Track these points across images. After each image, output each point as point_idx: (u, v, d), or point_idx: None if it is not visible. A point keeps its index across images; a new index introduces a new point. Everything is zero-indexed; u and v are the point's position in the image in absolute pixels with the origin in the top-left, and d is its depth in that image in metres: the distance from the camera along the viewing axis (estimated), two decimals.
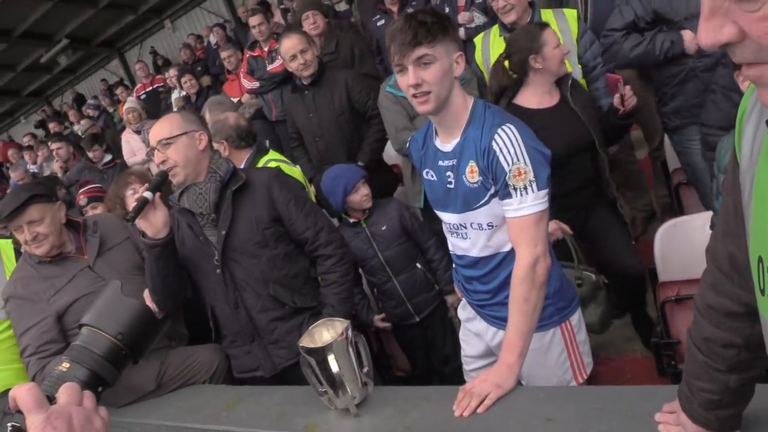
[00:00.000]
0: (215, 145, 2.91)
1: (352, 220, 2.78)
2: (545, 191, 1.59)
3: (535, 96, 2.59)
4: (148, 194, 2.05)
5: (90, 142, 6.06)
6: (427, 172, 1.82)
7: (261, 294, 2.23)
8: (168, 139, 2.13)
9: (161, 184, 2.11)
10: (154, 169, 2.96)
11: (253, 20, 5.37)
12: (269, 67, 4.95)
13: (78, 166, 5.94)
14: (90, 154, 6.00)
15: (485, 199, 1.65)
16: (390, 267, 2.77)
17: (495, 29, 3.26)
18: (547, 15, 3.12)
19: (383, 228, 2.77)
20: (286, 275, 2.26)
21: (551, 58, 2.51)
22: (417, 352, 2.97)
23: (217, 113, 3.11)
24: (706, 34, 0.63)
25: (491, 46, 3.21)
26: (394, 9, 4.88)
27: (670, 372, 2.36)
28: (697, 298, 1.07)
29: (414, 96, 1.60)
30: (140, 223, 2.08)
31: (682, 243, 2.40)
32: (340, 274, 2.29)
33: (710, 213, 2.34)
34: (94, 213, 3.62)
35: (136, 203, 2.04)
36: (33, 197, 2.40)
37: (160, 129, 2.17)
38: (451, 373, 2.90)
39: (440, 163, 1.74)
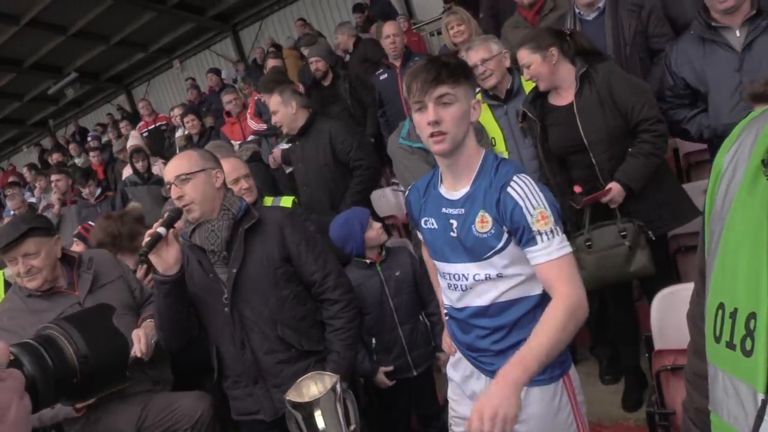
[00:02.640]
0: None
1: (368, 261, 2.75)
2: (565, 236, 1.60)
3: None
4: (161, 230, 2.02)
5: (83, 178, 6.08)
6: (425, 221, 1.80)
7: (268, 335, 2.20)
8: (187, 174, 2.12)
9: (175, 220, 2.08)
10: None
11: (272, 63, 5.55)
12: None
13: (76, 207, 5.94)
14: (85, 191, 6.02)
15: (498, 246, 1.63)
16: (398, 315, 2.73)
17: (478, 97, 3.29)
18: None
19: (397, 273, 2.75)
20: (294, 317, 2.24)
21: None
22: (399, 402, 2.89)
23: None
24: None
25: None
26: (397, 64, 4.99)
27: None
28: (686, 369, 1.05)
29: (431, 135, 1.61)
30: (152, 258, 2.05)
31: (679, 311, 2.34)
32: (346, 320, 2.28)
33: None
34: (76, 248, 3.61)
35: (149, 238, 2.01)
36: (31, 230, 2.38)
37: (179, 164, 2.15)
38: None
39: (444, 210, 1.73)
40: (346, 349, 2.27)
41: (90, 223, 3.67)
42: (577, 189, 2.68)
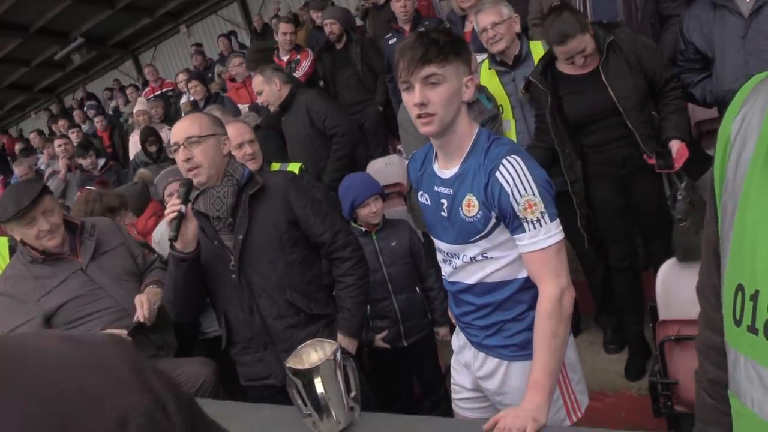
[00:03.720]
0: None
1: (364, 230, 2.75)
2: (557, 221, 1.55)
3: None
4: (182, 207, 1.97)
5: (82, 150, 5.99)
6: (421, 195, 1.77)
7: (277, 300, 2.18)
8: (199, 137, 2.06)
9: (189, 192, 2.04)
10: None
11: (285, 27, 5.47)
12: None
13: (80, 178, 5.92)
14: (87, 161, 5.97)
15: (485, 231, 1.59)
16: (392, 284, 2.74)
17: (485, 63, 3.21)
18: (536, 46, 3.11)
19: (393, 244, 2.75)
20: (302, 281, 2.21)
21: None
22: (399, 375, 2.92)
23: None
24: None
25: (481, 80, 3.13)
26: (406, 28, 4.87)
27: (665, 413, 2.30)
28: (697, 340, 1.03)
29: (418, 116, 1.54)
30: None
31: (685, 282, 2.34)
32: (357, 276, 2.26)
33: None
34: None
35: (173, 218, 1.94)
36: (45, 188, 2.43)
37: (189, 126, 2.09)
38: (433, 406, 2.90)
39: (436, 188, 1.69)
40: (357, 306, 2.25)
41: (89, 187, 3.68)
42: (651, 161, 2.65)
